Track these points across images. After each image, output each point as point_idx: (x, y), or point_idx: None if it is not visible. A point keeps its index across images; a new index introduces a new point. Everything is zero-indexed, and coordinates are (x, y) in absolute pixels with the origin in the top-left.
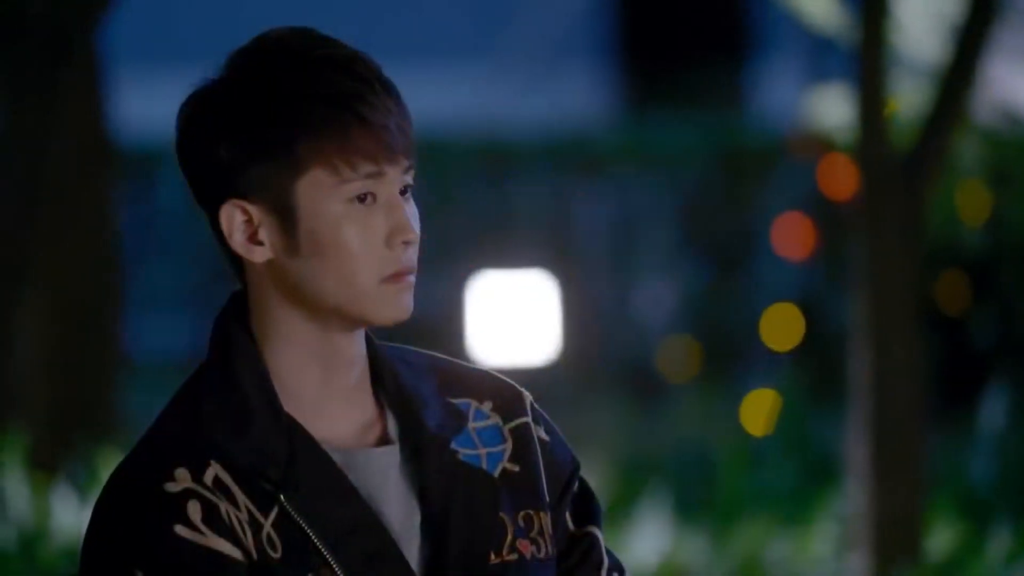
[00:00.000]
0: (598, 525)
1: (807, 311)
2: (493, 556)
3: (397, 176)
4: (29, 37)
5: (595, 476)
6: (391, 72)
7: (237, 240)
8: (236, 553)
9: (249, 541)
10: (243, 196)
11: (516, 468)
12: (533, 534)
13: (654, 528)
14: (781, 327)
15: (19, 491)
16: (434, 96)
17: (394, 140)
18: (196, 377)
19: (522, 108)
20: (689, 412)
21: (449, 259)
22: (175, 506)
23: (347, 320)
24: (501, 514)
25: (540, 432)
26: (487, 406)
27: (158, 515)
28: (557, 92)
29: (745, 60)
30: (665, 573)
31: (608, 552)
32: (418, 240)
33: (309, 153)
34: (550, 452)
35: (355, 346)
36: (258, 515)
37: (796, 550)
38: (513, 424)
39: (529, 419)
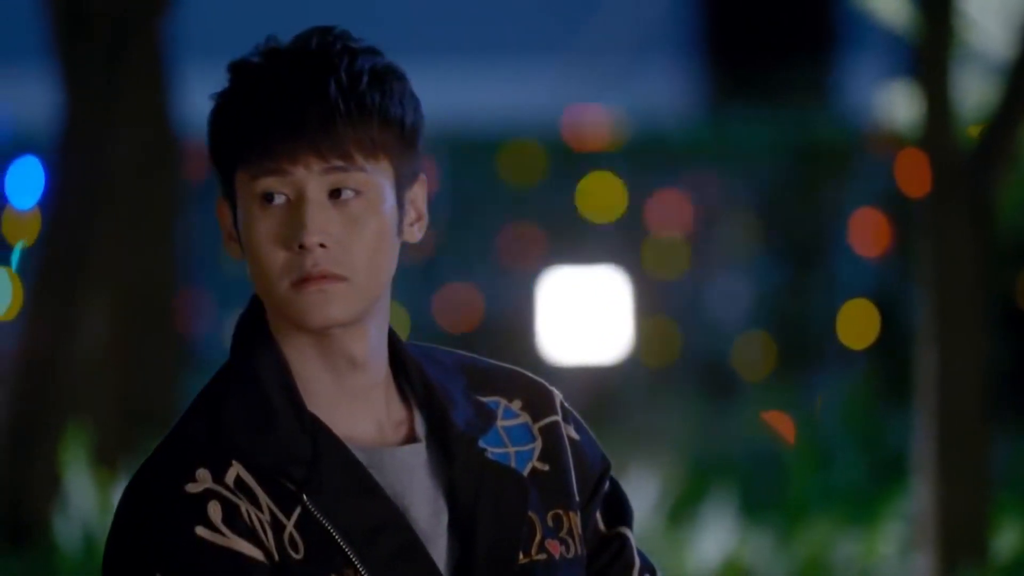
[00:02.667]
0: (629, 526)
1: (883, 308)
2: (522, 556)
3: (313, 177)
4: (90, 33)
5: (663, 474)
6: (477, 66)
7: (223, 236)
8: (257, 554)
9: (270, 542)
10: (224, 194)
11: (545, 467)
12: (562, 534)
13: (720, 526)
14: (857, 324)
15: (83, 488)
16: (511, 91)
17: (293, 138)
18: (218, 378)
19: (601, 104)
20: (763, 410)
21: (521, 255)
22: (195, 507)
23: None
24: (530, 513)
25: (570, 431)
26: (516, 404)
27: (178, 516)
28: (636, 88)
29: (827, 56)
30: (729, 571)
31: (639, 553)
32: (314, 245)
33: (230, 150)
34: (580, 451)
35: (358, 345)
36: (280, 516)
37: (863, 549)
38: (543, 423)
39: (559, 418)
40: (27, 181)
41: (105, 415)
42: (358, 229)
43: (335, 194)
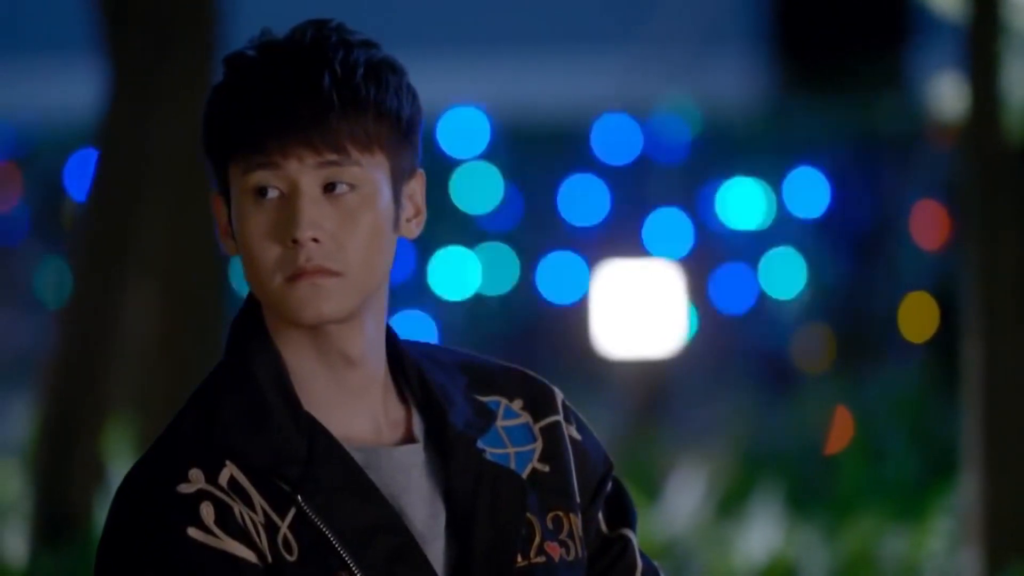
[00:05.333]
0: (632, 527)
1: (944, 301)
2: (520, 558)
3: (306, 171)
4: (136, 20)
5: (713, 468)
6: (540, 57)
7: (219, 231)
8: (250, 556)
9: (264, 543)
10: (219, 190)
11: (546, 468)
12: (562, 536)
13: (766, 520)
14: (919, 317)
15: None
16: (577, 83)
17: (285, 131)
18: (214, 376)
19: (668, 95)
20: (819, 403)
21: (577, 247)
22: (188, 508)
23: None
24: (529, 515)
25: (572, 431)
26: (517, 404)
27: (170, 517)
28: (703, 79)
29: (897, 46)
30: (775, 565)
31: (642, 554)
32: (306, 239)
33: (223, 144)
34: (582, 452)
35: (354, 342)
36: (275, 516)
37: (911, 545)
38: (544, 423)
39: (560, 418)
40: (88, 174)
41: (151, 405)
42: (352, 224)
43: (329, 188)
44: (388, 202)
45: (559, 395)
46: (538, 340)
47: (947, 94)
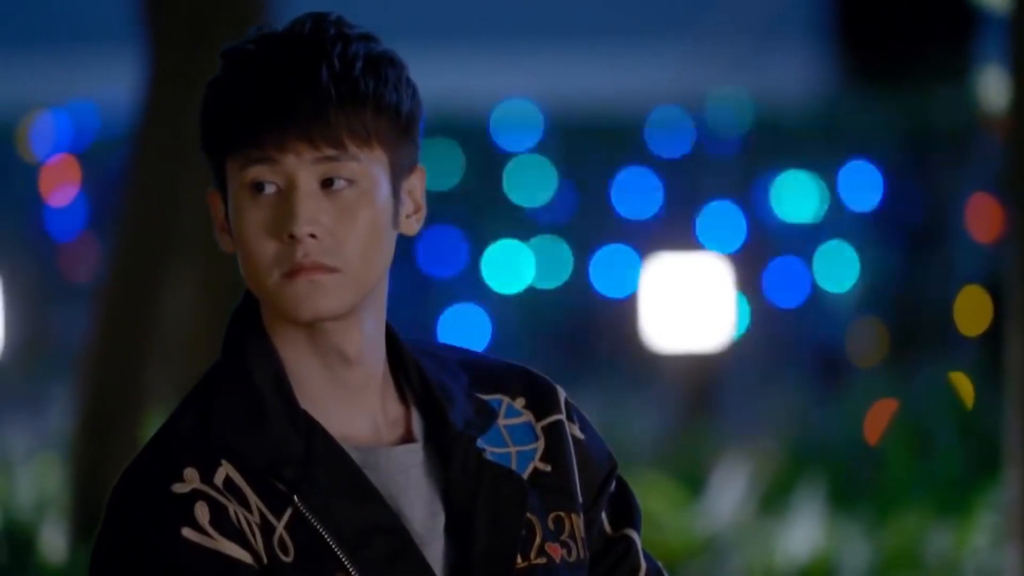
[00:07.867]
0: (636, 528)
1: (997, 295)
2: (520, 560)
3: (304, 166)
4: (174, 12)
5: (758, 462)
6: (594, 49)
7: (215, 227)
8: (245, 557)
9: (259, 544)
10: (216, 185)
11: (548, 468)
12: (564, 537)
13: (809, 516)
14: (972, 311)
15: None
16: (631, 76)
17: (283, 126)
18: (210, 375)
19: (725, 88)
20: (870, 398)
21: (630, 240)
22: (182, 508)
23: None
24: (530, 516)
25: (574, 430)
26: (520, 402)
27: (165, 517)
28: (762, 72)
29: (953, 41)
30: (817, 560)
31: (646, 555)
32: (304, 235)
33: (220, 138)
34: (585, 451)
35: (351, 340)
36: (271, 517)
37: (955, 541)
38: (546, 421)
39: (563, 416)
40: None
41: None
42: (350, 219)
43: (327, 183)
44: (387, 198)
45: (562, 393)
46: (591, 333)
47: (998, 87)
